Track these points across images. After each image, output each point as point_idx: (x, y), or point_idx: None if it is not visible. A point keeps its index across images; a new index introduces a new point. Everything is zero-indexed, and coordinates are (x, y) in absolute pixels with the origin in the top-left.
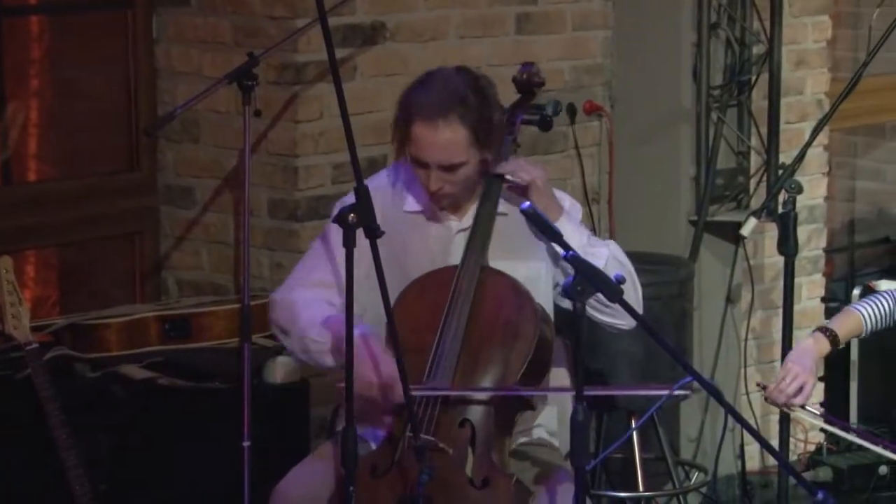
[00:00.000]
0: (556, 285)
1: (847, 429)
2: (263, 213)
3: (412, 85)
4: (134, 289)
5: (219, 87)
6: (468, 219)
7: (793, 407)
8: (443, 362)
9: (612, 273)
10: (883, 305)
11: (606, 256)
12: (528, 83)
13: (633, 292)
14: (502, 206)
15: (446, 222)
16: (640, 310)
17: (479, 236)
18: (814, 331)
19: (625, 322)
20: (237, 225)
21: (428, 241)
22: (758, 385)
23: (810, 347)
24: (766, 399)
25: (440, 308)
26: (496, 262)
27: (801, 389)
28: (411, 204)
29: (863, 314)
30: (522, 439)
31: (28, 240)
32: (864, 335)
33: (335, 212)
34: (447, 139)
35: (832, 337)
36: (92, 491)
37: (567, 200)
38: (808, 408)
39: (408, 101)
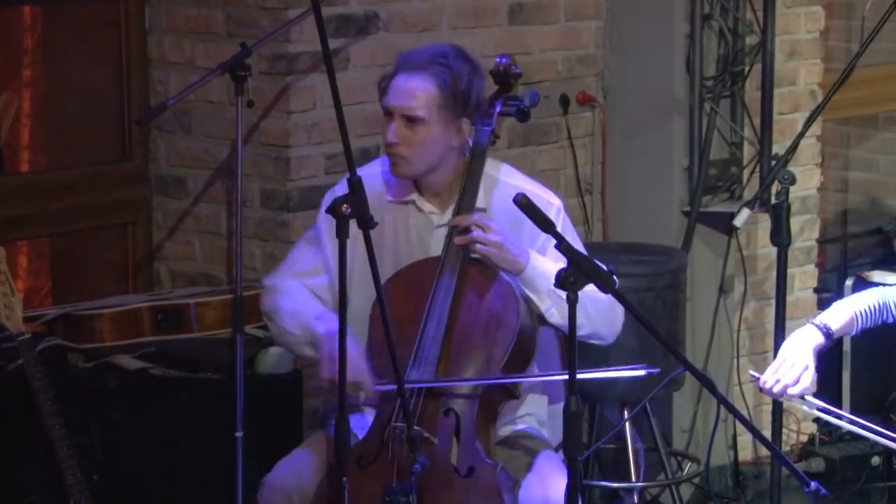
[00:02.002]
0: None
1: (841, 417)
2: (256, 203)
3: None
4: (126, 279)
5: (211, 78)
6: (449, 213)
7: (790, 398)
8: (426, 352)
9: (583, 316)
10: (872, 303)
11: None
12: (506, 74)
13: (608, 328)
14: (481, 202)
15: (428, 214)
16: (618, 329)
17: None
18: (808, 323)
19: (602, 341)
20: (230, 215)
21: (409, 232)
22: (751, 375)
23: (805, 338)
24: (760, 390)
25: (422, 299)
26: (474, 255)
27: (797, 380)
28: (395, 193)
29: (856, 312)
30: (511, 429)
31: (20, 230)
32: (853, 333)
33: (325, 201)
34: (414, 88)
35: (826, 331)
36: (84, 481)
37: (556, 202)
38: (807, 398)
39: (396, 59)
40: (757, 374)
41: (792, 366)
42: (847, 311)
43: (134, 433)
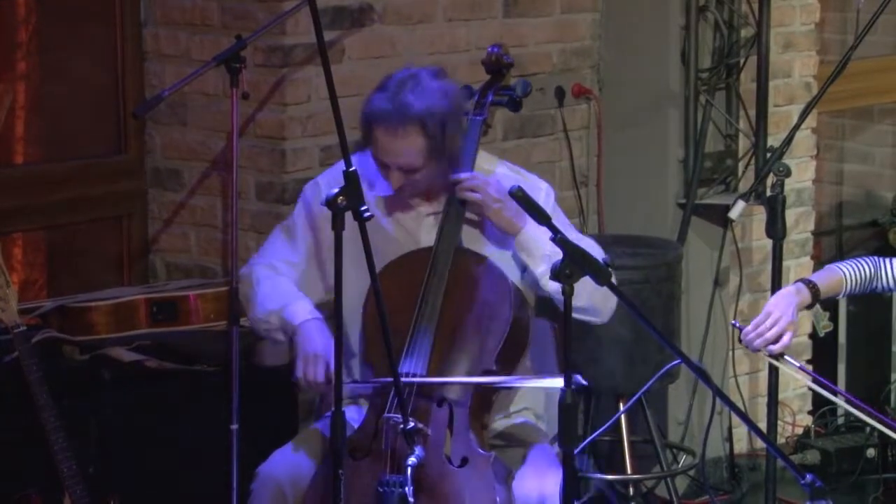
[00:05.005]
0: (525, 268)
1: (819, 381)
2: (251, 195)
3: (381, 85)
4: (122, 271)
5: (206, 70)
6: (438, 203)
7: (771, 354)
8: (419, 343)
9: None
10: (864, 269)
11: None
12: (497, 64)
13: (601, 306)
14: None
15: (417, 207)
16: (612, 307)
17: (452, 218)
18: (796, 282)
19: (597, 318)
20: (225, 207)
21: (397, 226)
22: (733, 325)
23: (792, 295)
24: (740, 341)
25: (415, 290)
26: (467, 242)
27: (779, 337)
28: (381, 188)
29: (845, 274)
30: (508, 422)
31: (16, 222)
32: (841, 296)
33: (307, 191)
34: (406, 147)
35: (814, 290)
36: (80, 473)
37: (543, 186)
38: (787, 358)
39: (371, 104)
40: (739, 326)
41: (775, 322)
42: (836, 273)
43: (129, 425)
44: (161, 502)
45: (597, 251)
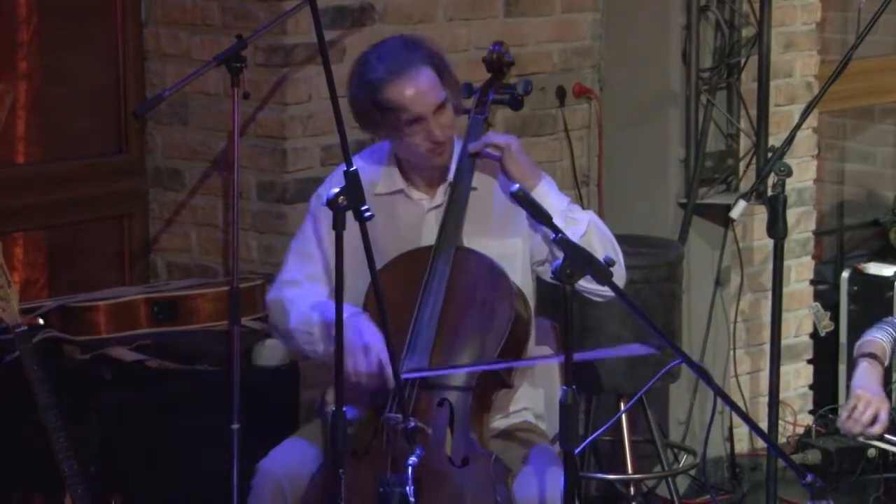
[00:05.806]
0: (536, 262)
1: None
2: (252, 195)
3: (358, 66)
4: (123, 271)
5: (207, 70)
6: (439, 196)
7: (870, 436)
8: (419, 342)
9: (595, 239)
10: (891, 333)
11: (588, 222)
12: (498, 62)
13: (615, 258)
14: (474, 181)
15: (418, 201)
16: (623, 273)
17: (453, 216)
18: (862, 358)
19: (602, 295)
20: (226, 207)
21: (399, 222)
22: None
23: (870, 370)
24: (840, 431)
25: (416, 289)
26: (470, 239)
27: (876, 419)
28: (382, 186)
29: (883, 340)
30: (509, 422)
31: (16, 222)
32: (886, 364)
33: (313, 205)
34: (427, 82)
35: (879, 360)
36: (81, 473)
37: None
38: (887, 436)
39: (367, 79)
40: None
41: (867, 405)
42: (878, 342)
43: (130, 425)
44: (161, 502)
45: (601, 223)
